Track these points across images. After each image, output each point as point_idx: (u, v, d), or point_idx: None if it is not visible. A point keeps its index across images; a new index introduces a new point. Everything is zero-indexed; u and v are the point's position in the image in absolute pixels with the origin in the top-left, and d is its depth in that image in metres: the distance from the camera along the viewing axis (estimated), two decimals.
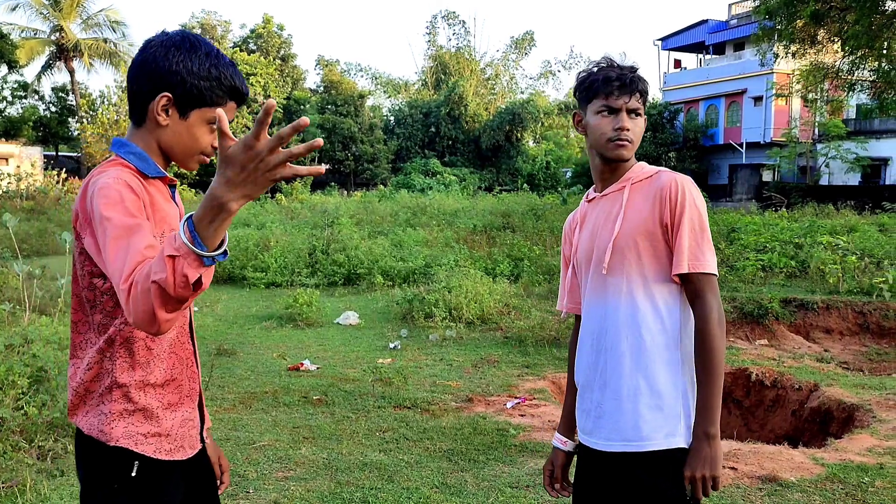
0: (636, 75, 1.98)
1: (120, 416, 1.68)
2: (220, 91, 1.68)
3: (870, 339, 8.99)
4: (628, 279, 1.93)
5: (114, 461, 1.68)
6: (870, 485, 4.01)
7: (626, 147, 1.96)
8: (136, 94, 1.69)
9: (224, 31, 47.33)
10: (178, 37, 1.68)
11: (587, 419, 2.03)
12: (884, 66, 18.18)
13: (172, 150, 1.72)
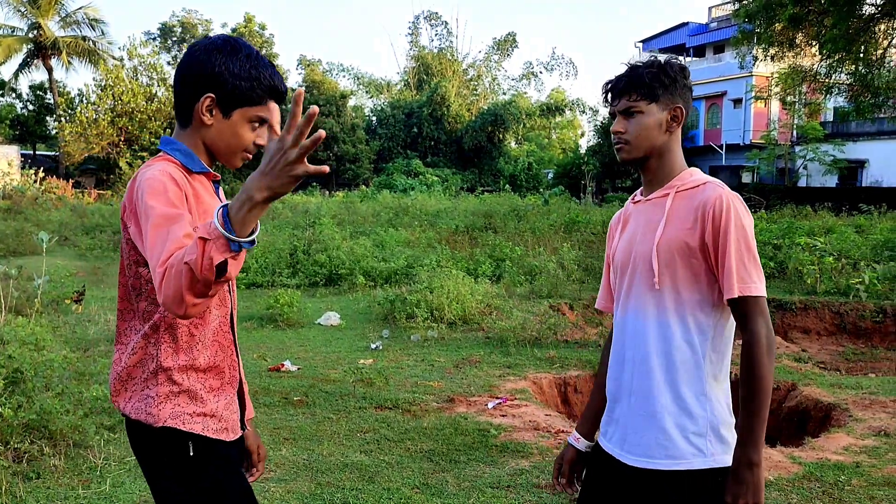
0: (631, 74, 1.94)
1: (166, 397, 1.75)
2: (260, 91, 1.76)
3: (846, 339, 9.11)
4: (662, 292, 1.88)
5: (166, 443, 1.76)
6: (846, 483, 4.06)
7: (623, 149, 1.94)
8: (181, 96, 1.79)
9: (205, 29, 47.04)
10: (220, 40, 1.77)
11: (614, 428, 2.00)
12: (860, 70, 18.43)
13: (217, 148, 1.82)
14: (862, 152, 32.16)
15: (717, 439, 1.85)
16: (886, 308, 9.12)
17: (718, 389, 1.89)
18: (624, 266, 1.98)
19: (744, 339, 1.82)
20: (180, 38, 47.12)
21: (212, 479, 1.80)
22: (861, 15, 17.81)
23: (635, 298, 1.94)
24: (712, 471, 1.83)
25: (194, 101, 1.76)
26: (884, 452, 4.55)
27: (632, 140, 1.92)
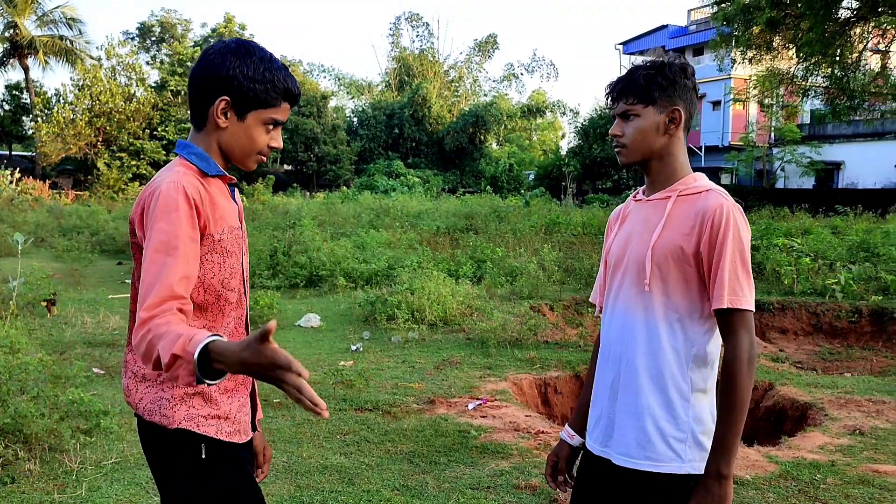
0: (628, 77, 1.93)
1: (181, 399, 1.77)
2: (273, 93, 1.79)
3: (823, 339, 9.21)
4: (652, 294, 1.87)
5: (179, 445, 1.77)
6: (822, 482, 4.10)
7: (621, 153, 1.95)
8: (196, 99, 1.80)
9: (184, 29, 46.70)
10: (234, 44, 1.79)
11: (596, 426, 2.02)
12: (836, 73, 18.66)
13: (232, 150, 1.84)
14: (838, 154, 32.56)
15: (696, 446, 1.86)
16: (862, 308, 9.23)
17: (703, 397, 1.89)
18: (618, 263, 1.98)
19: (726, 352, 1.82)
20: (159, 38, 46.77)
21: (225, 481, 1.82)
22: (837, 19, 18.04)
23: (625, 297, 1.93)
24: (688, 476, 1.84)
25: (209, 104, 1.78)
26: (859, 451, 4.61)
27: (629, 144, 1.92)
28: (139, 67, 40.65)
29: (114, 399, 5.56)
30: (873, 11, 17.67)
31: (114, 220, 20.44)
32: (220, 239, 1.79)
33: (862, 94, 19.30)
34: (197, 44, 45.50)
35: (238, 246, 1.88)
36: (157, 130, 38.87)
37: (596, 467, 2.01)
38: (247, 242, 2.01)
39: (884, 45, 19.79)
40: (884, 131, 30.72)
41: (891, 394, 5.90)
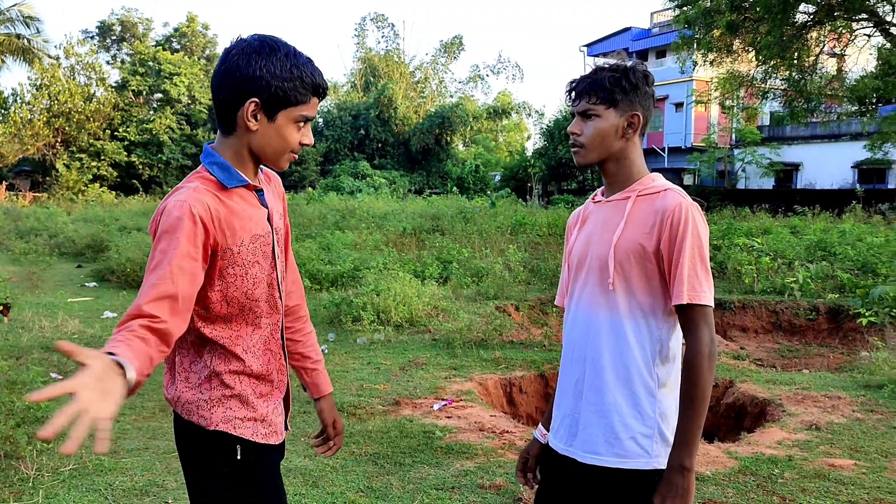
0: (593, 77, 1.93)
1: (219, 401, 1.80)
2: (302, 89, 1.73)
3: (782, 337, 9.39)
4: (616, 293, 1.89)
5: (216, 445, 1.80)
6: (779, 476, 4.18)
7: (578, 152, 1.95)
8: (223, 103, 1.74)
9: (146, 28, 46.04)
10: (257, 42, 1.72)
11: (561, 425, 2.03)
12: (794, 76, 19.04)
13: (264, 152, 1.78)
14: (796, 156, 33.24)
15: (662, 441, 1.88)
16: (819, 306, 9.43)
17: (668, 392, 1.91)
18: (580, 264, 1.99)
19: (687, 347, 1.85)
20: (119, 37, 46.03)
21: (259, 483, 1.85)
22: (794, 23, 18.42)
23: (589, 297, 1.95)
24: (656, 471, 1.86)
25: (237, 108, 1.72)
26: (815, 445, 4.71)
27: (587, 143, 1.92)
28: (99, 67, 39.97)
29: None
30: (829, 16, 18.07)
31: (73, 222, 20.08)
32: (240, 251, 1.77)
33: (819, 97, 19.72)
34: (158, 43, 44.89)
35: (263, 253, 1.84)
36: (119, 131, 38.27)
37: (560, 466, 2.02)
38: (286, 240, 2.00)
39: (839, 49, 20.26)
40: (840, 133, 31.44)
41: (846, 389, 6.04)
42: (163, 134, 38.83)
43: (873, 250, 11.19)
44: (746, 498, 3.89)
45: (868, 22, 18.52)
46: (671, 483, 1.79)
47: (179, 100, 40.40)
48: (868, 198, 23.70)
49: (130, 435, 4.90)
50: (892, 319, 7.87)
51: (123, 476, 4.15)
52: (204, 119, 41.48)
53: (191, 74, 40.97)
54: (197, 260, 1.67)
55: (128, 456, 4.48)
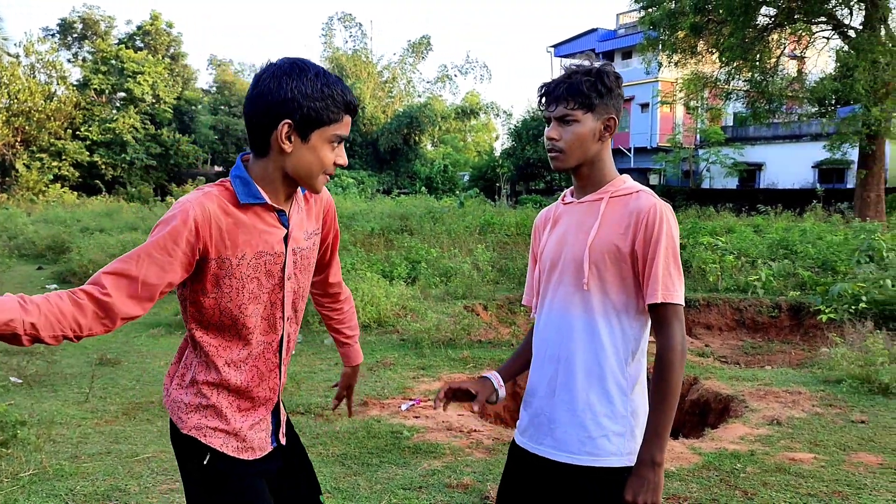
0: (569, 80, 1.92)
1: (196, 408, 1.85)
2: (334, 108, 1.74)
3: (745, 334, 9.55)
4: (590, 293, 1.91)
5: (187, 447, 1.86)
6: (741, 471, 4.25)
7: (557, 157, 1.94)
8: (256, 127, 1.74)
9: (108, 26, 45.31)
10: (287, 65, 1.72)
11: (530, 424, 2.03)
12: (756, 77, 19.36)
13: (299, 174, 1.78)
14: (759, 156, 33.79)
15: (633, 439, 1.91)
16: (781, 303, 9.60)
17: (640, 391, 1.95)
18: (553, 264, 2.00)
19: (659, 344, 1.88)
20: (81, 35, 45.23)
21: (231, 492, 1.86)
22: (756, 25, 18.72)
23: (563, 297, 1.96)
24: (627, 469, 1.89)
25: (271, 131, 1.72)
26: (776, 440, 4.79)
27: (566, 149, 1.92)
28: (60, 65, 39.28)
29: (32, 409, 5.37)
30: (789, 19, 18.40)
31: (33, 223, 19.70)
32: (239, 264, 1.77)
33: (780, 98, 20.07)
34: (121, 41, 44.20)
35: (267, 272, 1.83)
36: (80, 130, 37.64)
37: (528, 465, 2.02)
38: (333, 246, 2.14)
39: (799, 52, 20.65)
40: (801, 133, 32.03)
41: (806, 385, 6.16)
42: (126, 133, 38.25)
43: (833, 248, 11.42)
44: (710, 493, 3.95)
45: (827, 25, 18.90)
46: (642, 477, 1.81)
47: (143, 99, 39.84)
48: (828, 197, 24.18)
49: (92, 439, 4.82)
50: (850, 316, 8.04)
51: (85, 481, 4.08)
52: (169, 119, 40.96)
53: (155, 73, 40.43)
54: (173, 256, 1.68)
55: (89, 460, 4.40)
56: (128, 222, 19.60)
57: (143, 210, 24.24)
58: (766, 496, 3.90)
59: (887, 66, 16.39)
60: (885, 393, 5.74)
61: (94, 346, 7.72)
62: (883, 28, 17.58)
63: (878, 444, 4.69)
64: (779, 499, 3.86)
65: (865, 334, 6.88)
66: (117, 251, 12.71)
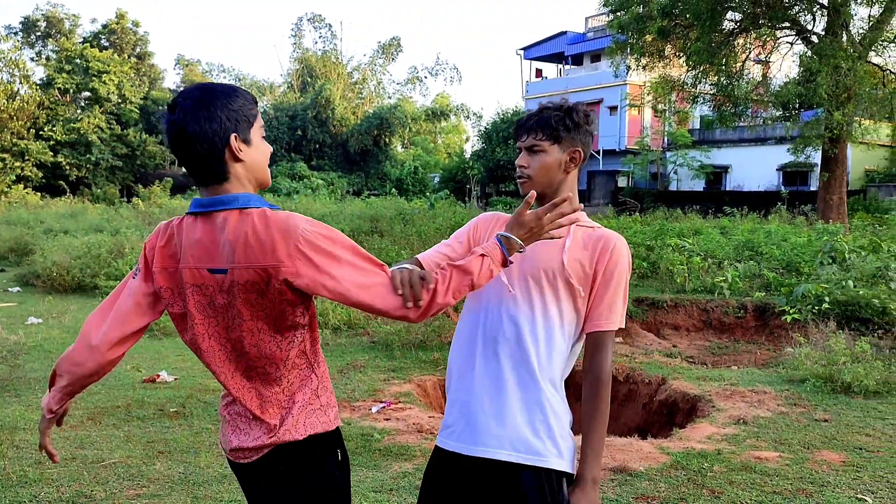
0: (540, 115, 2.06)
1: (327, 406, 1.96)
2: (250, 104, 1.84)
3: (712, 335, 9.67)
4: (550, 304, 2.00)
5: (333, 442, 1.93)
6: (709, 470, 4.31)
7: (525, 183, 2.07)
8: (207, 158, 1.77)
9: (72, 24, 44.61)
10: (194, 97, 1.77)
11: (467, 425, 2.01)
12: (722, 81, 19.61)
13: (257, 174, 1.86)
14: (725, 158, 34.27)
15: (572, 444, 2.00)
16: (747, 304, 9.75)
17: (565, 396, 2.05)
18: (522, 272, 2.03)
19: (594, 366, 1.99)
20: (45, 33, 44.46)
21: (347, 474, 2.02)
22: (722, 29, 18.98)
23: (522, 300, 2.01)
24: (565, 474, 1.96)
25: (223, 151, 1.77)
26: (742, 439, 4.87)
27: (533, 175, 2.05)
28: (23, 64, 38.58)
29: None
30: (754, 24, 18.68)
31: None
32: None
33: (745, 102, 20.34)
34: (86, 39, 43.51)
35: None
36: (44, 130, 36.99)
37: (458, 467, 2.01)
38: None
39: (764, 56, 20.98)
40: (766, 137, 32.55)
41: (771, 384, 6.26)
42: (91, 134, 37.64)
43: (797, 250, 11.63)
44: (678, 492, 4.00)
45: (790, 30, 19.23)
46: (586, 494, 1.93)
47: (109, 98, 39.25)
48: (792, 199, 24.60)
49: (57, 444, 4.74)
50: (814, 316, 8.19)
51: (49, 487, 4.01)
52: (135, 119, 40.39)
53: (120, 72, 39.86)
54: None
55: (54, 466, 4.33)
56: (93, 224, 19.30)
57: (109, 211, 23.88)
58: (733, 494, 3.95)
59: (849, 71, 16.71)
60: (847, 392, 5.86)
61: (59, 349, 7.58)
62: (844, 34, 17.94)
63: (840, 442, 4.79)
64: (745, 497, 3.93)
65: (828, 334, 7.01)
66: (82, 253, 12.52)
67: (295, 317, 1.81)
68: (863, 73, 17.31)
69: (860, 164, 30.53)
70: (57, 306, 10.02)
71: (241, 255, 1.72)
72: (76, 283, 11.80)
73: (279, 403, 1.87)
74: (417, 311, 1.76)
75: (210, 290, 1.78)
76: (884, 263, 9.37)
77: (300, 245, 1.72)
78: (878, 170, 31.12)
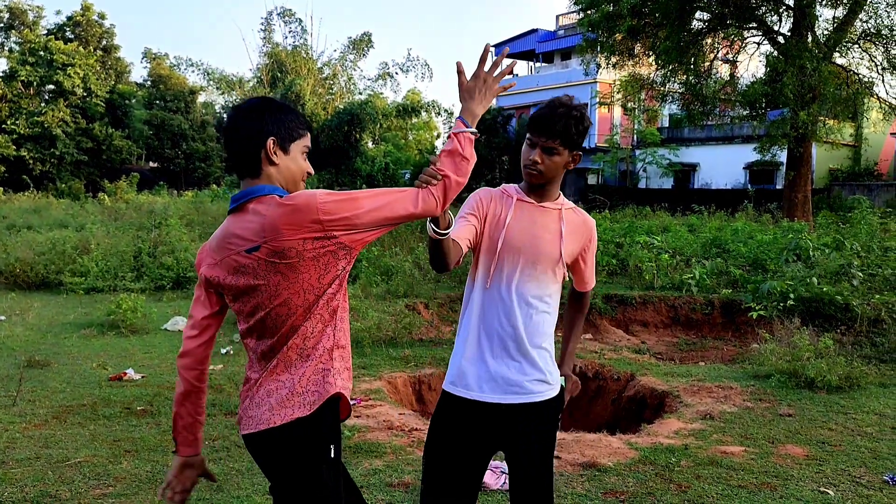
0: (561, 120, 2.33)
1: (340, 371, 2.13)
2: (301, 125, 2.15)
3: (680, 331, 9.78)
4: (548, 279, 2.44)
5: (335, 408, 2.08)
6: (676, 464, 4.37)
7: (535, 176, 2.39)
8: (245, 152, 2.06)
9: (36, 16, 43.71)
10: (257, 101, 2.11)
11: (490, 380, 2.38)
12: (691, 80, 19.83)
13: (287, 182, 2.10)
14: (694, 157, 34.68)
15: (554, 375, 2.49)
16: (714, 301, 9.88)
17: None
18: (518, 250, 2.40)
19: (584, 308, 2.78)
20: (7, 25, 43.52)
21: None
22: (690, 29, 19.19)
23: (525, 277, 2.41)
24: (554, 398, 2.48)
25: (260, 150, 2.04)
26: (709, 434, 4.94)
27: (545, 171, 2.38)
28: None
29: None
30: (722, 24, 18.92)
31: None
32: None
33: (713, 101, 20.60)
34: (50, 31, 42.68)
35: None
36: (6, 123, 36.24)
37: (483, 413, 2.38)
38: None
39: (732, 56, 21.26)
40: (733, 135, 33.00)
41: (737, 380, 6.35)
42: (55, 127, 36.98)
43: (763, 247, 11.80)
44: (646, 487, 4.05)
45: (757, 31, 19.50)
46: (570, 378, 2.62)
47: (74, 92, 38.56)
48: (758, 197, 24.98)
49: (20, 444, 4.66)
50: (779, 313, 8.32)
51: (13, 487, 3.94)
52: (101, 113, 39.73)
53: (86, 65, 39.18)
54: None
55: (17, 466, 4.25)
56: (57, 219, 18.96)
57: (74, 207, 23.48)
58: (699, 489, 4.01)
59: (814, 71, 16.99)
60: (810, 387, 5.97)
61: (22, 347, 7.44)
62: (810, 35, 18.24)
63: (804, 437, 4.88)
64: (711, 491, 3.98)
65: (793, 330, 7.13)
66: (46, 249, 12.30)
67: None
68: (827, 74, 17.61)
69: (825, 163, 31.10)
70: (20, 303, 9.83)
71: (269, 230, 1.94)
72: (40, 280, 11.59)
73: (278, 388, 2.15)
74: (435, 199, 2.02)
75: None
76: (847, 261, 9.55)
77: (320, 216, 1.94)
78: (841, 168, 31.73)
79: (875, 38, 18.53)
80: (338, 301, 2.07)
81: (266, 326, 2.07)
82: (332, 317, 2.07)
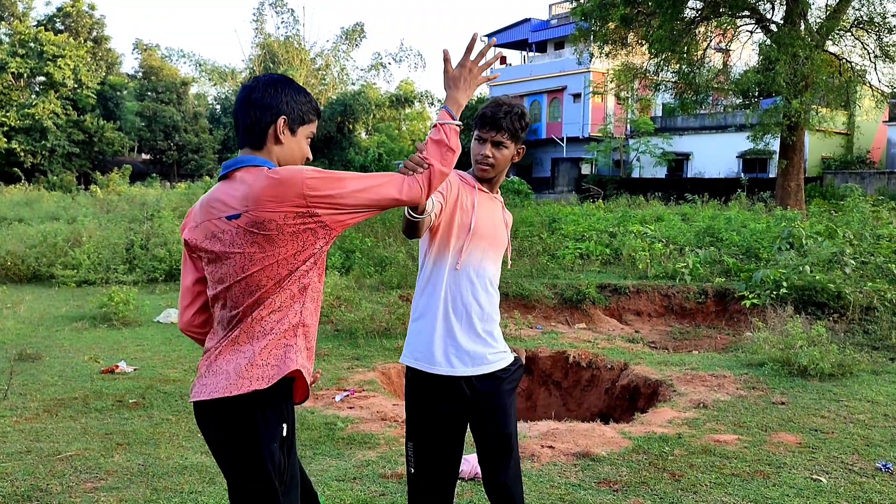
0: (507, 117, 2.56)
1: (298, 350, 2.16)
2: (312, 111, 2.21)
3: (673, 320, 9.80)
4: (497, 261, 2.70)
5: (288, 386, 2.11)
6: (669, 453, 4.37)
7: (487, 170, 2.62)
8: (255, 123, 2.11)
9: (26, 7, 43.37)
10: (276, 77, 2.17)
11: (460, 353, 2.54)
12: (684, 69, 19.80)
13: (286, 162, 2.15)
14: (687, 146, 34.69)
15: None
16: (707, 290, 9.89)
17: None
18: (483, 235, 2.59)
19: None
20: None
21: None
22: (683, 18, 19.15)
23: (487, 260, 2.63)
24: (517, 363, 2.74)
25: (270, 125, 2.11)
26: (702, 423, 4.94)
27: (496, 164, 2.62)
28: None
29: None
30: (715, 12, 18.90)
31: None
32: None
33: (706, 90, 20.58)
34: (40, 23, 42.36)
35: None
36: None
37: (453, 386, 2.55)
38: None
39: (725, 44, 21.23)
40: (726, 124, 33.01)
41: (731, 368, 6.36)
42: (46, 119, 36.76)
43: (756, 236, 11.81)
44: (639, 476, 4.05)
45: (750, 19, 19.48)
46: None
47: (64, 83, 38.32)
48: (751, 186, 25.01)
49: (11, 438, 4.63)
50: (772, 301, 8.33)
51: (4, 481, 3.92)
52: (92, 104, 39.49)
53: (76, 57, 38.91)
54: None
55: (8, 460, 4.23)
56: (48, 212, 18.87)
57: (66, 199, 23.37)
58: (693, 477, 4.01)
59: (806, 59, 17.00)
60: (803, 375, 5.98)
61: (13, 340, 7.41)
62: (802, 23, 18.23)
63: (796, 425, 4.89)
64: (704, 479, 3.99)
65: (786, 318, 7.14)
66: (37, 242, 12.24)
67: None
68: (820, 62, 17.62)
69: (817, 151, 31.15)
70: (12, 296, 9.77)
71: (252, 200, 1.96)
72: (32, 273, 11.53)
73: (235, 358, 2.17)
74: (420, 187, 2.08)
75: None
76: (839, 249, 9.56)
77: (305, 190, 1.97)
78: (834, 157, 31.78)
79: (867, 25, 18.54)
80: (310, 279, 2.08)
81: (234, 295, 2.05)
82: (303, 294, 2.07)
